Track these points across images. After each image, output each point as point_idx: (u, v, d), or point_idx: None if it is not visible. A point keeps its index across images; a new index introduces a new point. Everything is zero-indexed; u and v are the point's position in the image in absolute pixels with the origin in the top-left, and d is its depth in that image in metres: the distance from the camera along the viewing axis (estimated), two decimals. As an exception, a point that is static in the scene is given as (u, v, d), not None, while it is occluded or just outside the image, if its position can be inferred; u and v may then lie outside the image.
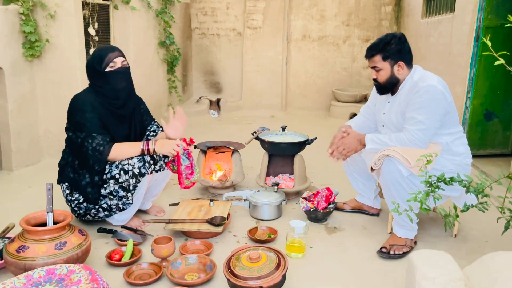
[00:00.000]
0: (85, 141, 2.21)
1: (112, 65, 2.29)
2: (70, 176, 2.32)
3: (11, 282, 1.56)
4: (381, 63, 2.26)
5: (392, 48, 2.23)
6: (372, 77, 2.35)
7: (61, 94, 3.54)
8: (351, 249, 2.29)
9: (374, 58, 2.27)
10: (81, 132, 2.23)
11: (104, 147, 2.21)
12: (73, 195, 2.32)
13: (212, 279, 1.95)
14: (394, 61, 2.25)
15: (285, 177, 3.06)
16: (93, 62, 2.30)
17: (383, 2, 6.09)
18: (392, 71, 2.26)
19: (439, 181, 1.56)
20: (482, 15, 3.68)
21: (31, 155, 3.54)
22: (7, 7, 3.17)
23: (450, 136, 2.23)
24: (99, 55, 2.31)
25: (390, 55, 2.24)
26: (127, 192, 2.27)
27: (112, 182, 2.25)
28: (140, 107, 2.55)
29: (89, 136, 2.21)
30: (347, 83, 6.36)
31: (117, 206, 2.30)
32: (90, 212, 2.33)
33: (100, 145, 2.21)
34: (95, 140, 2.21)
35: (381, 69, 2.27)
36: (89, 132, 2.21)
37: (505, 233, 1.62)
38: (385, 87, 2.33)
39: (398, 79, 2.28)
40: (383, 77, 2.28)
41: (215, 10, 6.32)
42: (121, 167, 2.24)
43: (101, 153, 2.21)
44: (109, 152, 2.22)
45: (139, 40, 4.45)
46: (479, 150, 3.91)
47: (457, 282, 1.23)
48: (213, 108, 6.17)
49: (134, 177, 2.26)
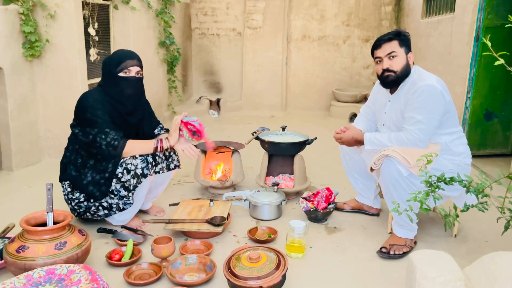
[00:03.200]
0: (97, 136, 2.21)
1: (126, 71, 2.30)
2: (73, 174, 2.32)
3: (11, 282, 1.56)
4: (398, 48, 2.22)
5: (405, 37, 2.24)
6: (384, 67, 2.24)
7: (61, 94, 3.55)
8: (351, 249, 2.29)
9: (391, 42, 2.22)
10: (93, 128, 2.22)
11: (118, 142, 2.22)
12: (74, 194, 2.32)
13: (212, 279, 1.95)
14: (408, 50, 2.25)
15: (285, 177, 3.06)
16: (110, 62, 2.32)
17: (383, 2, 6.09)
18: (407, 60, 2.25)
19: (439, 181, 1.56)
20: (482, 15, 3.68)
21: (31, 155, 3.54)
22: (7, 7, 3.17)
23: (450, 136, 2.23)
24: (117, 58, 2.32)
25: (405, 43, 2.24)
26: (129, 191, 2.28)
27: (115, 180, 2.25)
28: (149, 113, 2.57)
29: (101, 132, 2.21)
30: (347, 83, 6.36)
31: (117, 205, 2.30)
32: (90, 210, 2.33)
33: (114, 139, 2.21)
34: (108, 136, 2.21)
35: (397, 56, 2.21)
36: (102, 127, 2.22)
37: (505, 233, 1.62)
38: (397, 78, 2.23)
39: (409, 70, 2.25)
40: (399, 64, 2.22)
41: (215, 10, 6.32)
42: (124, 166, 2.25)
43: (115, 147, 2.21)
44: (123, 147, 2.22)
45: (139, 40, 4.45)
46: (479, 150, 3.91)
47: (457, 282, 1.23)
48: (213, 108, 6.17)
49: (135, 177, 2.27)
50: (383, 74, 2.27)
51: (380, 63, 2.28)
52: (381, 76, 2.29)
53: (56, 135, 3.64)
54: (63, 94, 3.55)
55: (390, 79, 2.26)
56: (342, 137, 2.41)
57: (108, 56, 2.42)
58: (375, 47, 2.29)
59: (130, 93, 2.34)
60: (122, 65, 2.28)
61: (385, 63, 2.24)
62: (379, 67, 2.28)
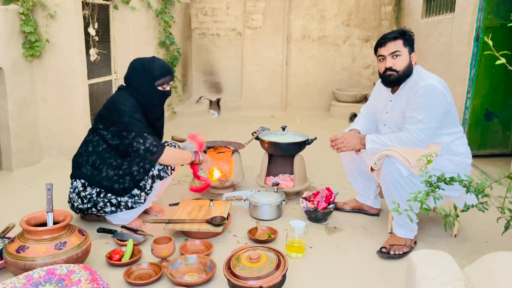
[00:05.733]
0: (134, 141, 2.21)
1: (164, 87, 2.37)
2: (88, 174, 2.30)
3: (11, 282, 1.56)
4: (402, 48, 2.21)
5: (410, 37, 2.24)
6: (387, 65, 2.23)
7: (61, 94, 3.54)
8: (351, 249, 2.29)
9: (396, 41, 2.21)
10: (130, 132, 2.22)
11: (157, 148, 2.24)
12: (86, 191, 2.30)
13: (212, 279, 1.94)
14: (411, 50, 2.24)
15: (285, 177, 3.06)
16: (150, 74, 2.31)
17: (383, 2, 6.09)
18: (410, 60, 2.24)
19: (439, 181, 1.56)
20: (482, 15, 3.68)
21: (31, 155, 3.54)
22: (7, 7, 3.17)
23: (450, 136, 2.23)
24: (159, 71, 2.33)
25: (409, 43, 2.23)
26: (141, 191, 2.30)
27: (128, 178, 2.27)
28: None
29: (139, 136, 2.22)
30: (347, 83, 6.36)
31: (126, 203, 2.31)
32: (97, 206, 2.31)
33: (153, 145, 2.23)
34: (147, 141, 2.23)
35: (401, 55, 2.21)
36: (140, 132, 2.23)
37: (505, 233, 1.62)
38: (398, 78, 2.23)
39: (411, 70, 2.24)
40: (402, 64, 2.21)
41: (215, 10, 6.32)
42: (141, 165, 2.27)
43: (153, 153, 2.23)
44: (161, 154, 2.25)
45: (139, 40, 4.45)
46: (479, 150, 3.91)
47: (457, 282, 1.23)
48: (213, 108, 6.17)
49: (151, 178, 2.32)
50: (385, 72, 2.26)
51: (383, 61, 2.27)
52: (383, 75, 2.28)
53: (56, 135, 3.64)
54: (63, 94, 3.55)
55: (392, 78, 2.25)
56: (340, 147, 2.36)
57: (146, 64, 2.36)
58: (380, 45, 2.27)
59: (160, 104, 2.43)
60: (163, 80, 2.34)
61: (388, 61, 2.23)
62: (382, 65, 2.27)
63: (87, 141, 2.39)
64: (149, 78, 2.32)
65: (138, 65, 2.36)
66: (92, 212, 2.35)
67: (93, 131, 2.38)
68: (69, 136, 3.62)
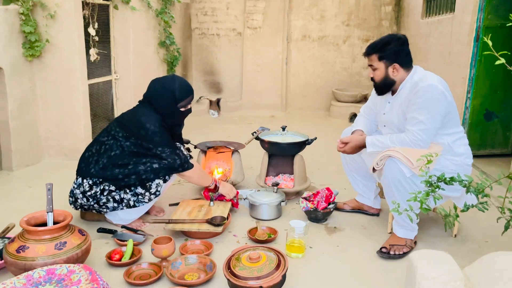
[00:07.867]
0: (169, 158, 2.32)
1: (187, 107, 2.45)
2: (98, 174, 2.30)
3: (11, 282, 1.56)
4: (376, 62, 2.28)
5: (389, 49, 2.23)
6: (369, 75, 2.37)
7: (61, 94, 3.55)
8: (351, 249, 2.29)
9: (370, 57, 2.30)
10: (164, 148, 2.31)
11: (189, 165, 2.41)
12: (92, 190, 2.29)
13: (212, 279, 1.95)
14: (390, 62, 2.25)
15: (285, 177, 3.06)
16: (174, 95, 2.36)
17: (383, 2, 6.09)
18: (387, 72, 2.27)
19: (440, 181, 1.56)
20: (482, 15, 3.68)
21: (31, 155, 3.54)
22: (7, 7, 3.17)
23: (451, 136, 2.23)
24: (182, 92, 2.38)
25: (386, 56, 2.24)
26: (146, 190, 2.31)
27: (134, 177, 2.28)
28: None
29: (174, 153, 2.34)
30: (347, 83, 6.36)
31: (128, 202, 2.31)
32: (100, 202, 2.30)
33: (186, 162, 2.39)
34: (181, 157, 2.37)
35: (376, 69, 2.29)
36: (174, 150, 2.36)
37: (505, 233, 1.62)
38: (380, 87, 2.34)
39: (393, 81, 2.28)
40: (378, 76, 2.31)
41: (215, 10, 6.32)
42: (149, 164, 2.29)
43: (186, 169, 2.40)
44: (190, 170, 2.41)
45: (139, 40, 4.45)
46: (479, 150, 3.91)
47: (457, 282, 1.23)
48: (213, 108, 6.17)
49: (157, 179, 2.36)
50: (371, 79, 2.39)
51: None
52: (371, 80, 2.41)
53: (56, 135, 3.64)
54: (63, 94, 3.55)
55: (375, 86, 2.38)
56: (346, 150, 2.41)
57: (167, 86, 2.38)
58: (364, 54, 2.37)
59: (182, 123, 2.55)
60: (185, 101, 2.40)
61: (370, 72, 2.36)
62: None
63: (101, 142, 2.37)
64: (171, 100, 2.36)
65: (159, 87, 2.38)
66: (93, 207, 2.34)
67: (108, 133, 2.37)
68: (69, 136, 3.62)
